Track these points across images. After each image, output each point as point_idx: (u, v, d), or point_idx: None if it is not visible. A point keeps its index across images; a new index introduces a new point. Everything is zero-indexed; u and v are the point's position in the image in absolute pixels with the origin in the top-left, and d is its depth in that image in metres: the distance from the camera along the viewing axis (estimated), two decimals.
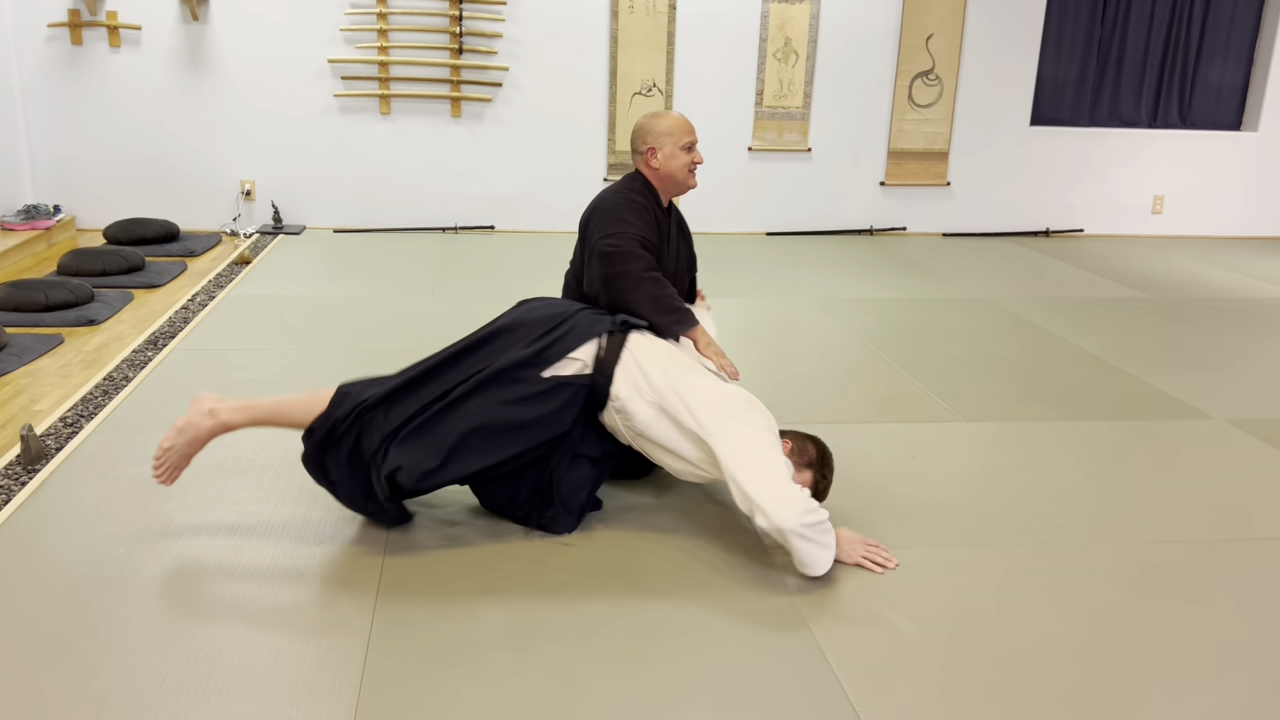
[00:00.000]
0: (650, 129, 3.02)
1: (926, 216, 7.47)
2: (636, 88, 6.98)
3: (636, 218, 2.93)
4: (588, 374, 2.67)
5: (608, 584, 2.50)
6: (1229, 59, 7.62)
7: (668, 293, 2.88)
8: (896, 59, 7.15)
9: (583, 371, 2.67)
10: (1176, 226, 7.76)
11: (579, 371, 2.67)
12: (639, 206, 2.97)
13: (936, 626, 2.35)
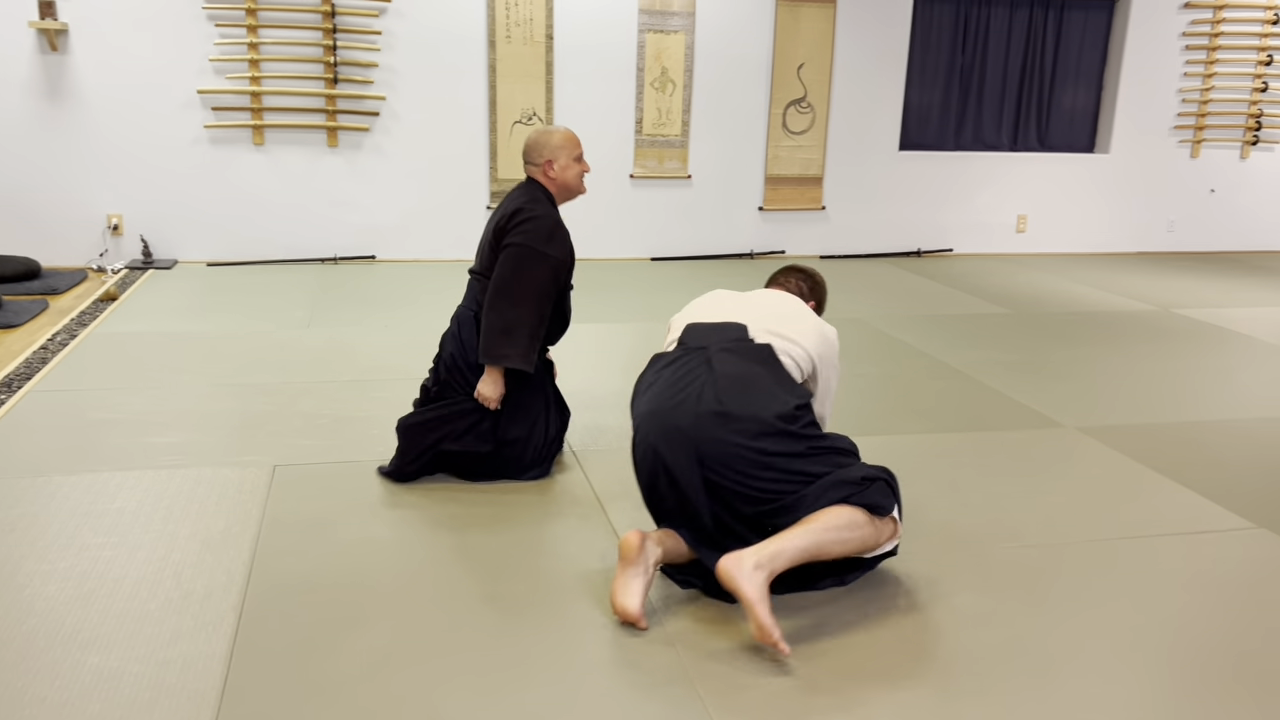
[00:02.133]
0: (545, 143, 3.25)
1: (804, 239, 7.68)
2: (517, 116, 7.02)
3: (561, 247, 3.20)
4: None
5: (474, 613, 2.49)
6: (1080, 85, 8.06)
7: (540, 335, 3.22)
8: (770, 87, 7.35)
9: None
10: (1038, 244, 8.14)
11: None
12: (562, 227, 3.23)
13: (800, 649, 2.42)
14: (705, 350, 2.64)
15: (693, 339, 2.71)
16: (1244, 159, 8.30)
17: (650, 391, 2.63)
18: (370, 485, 3.24)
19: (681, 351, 2.69)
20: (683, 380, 2.58)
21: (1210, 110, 8.10)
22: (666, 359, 2.71)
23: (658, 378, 2.66)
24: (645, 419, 2.58)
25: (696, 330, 2.74)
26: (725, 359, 2.60)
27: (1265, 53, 8.05)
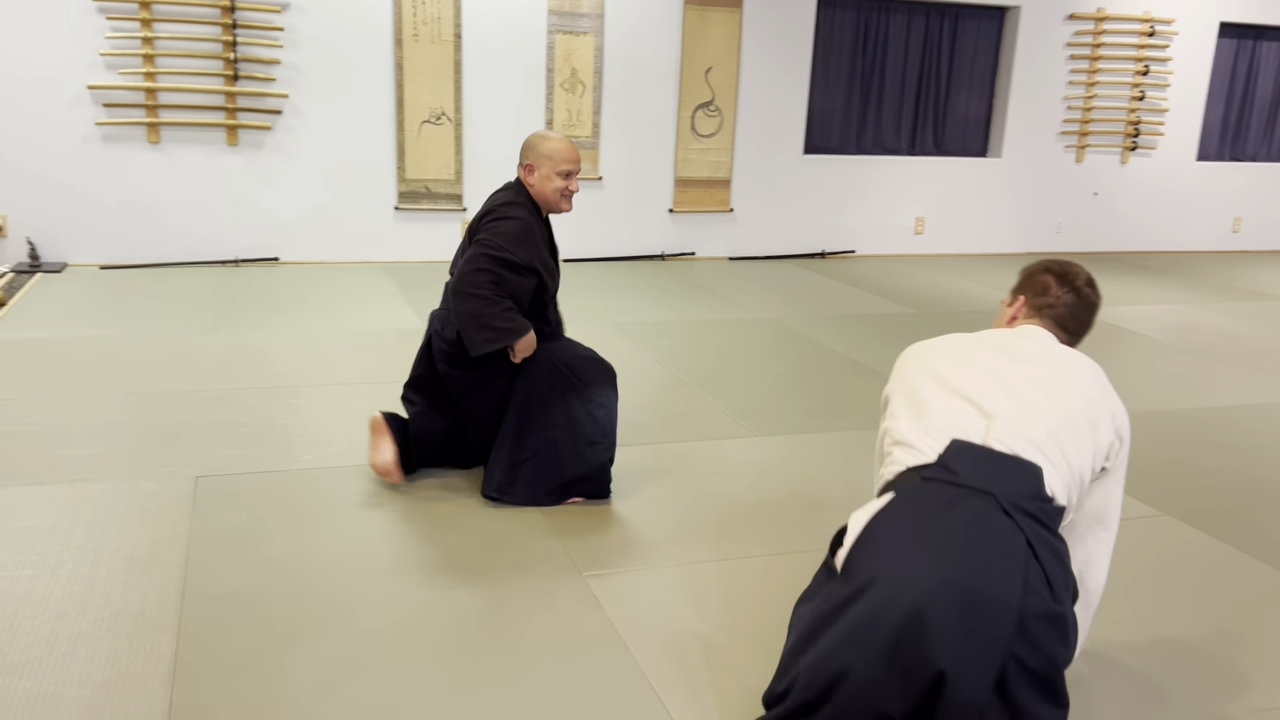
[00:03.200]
0: (534, 147, 3.16)
1: (713, 242, 7.77)
2: (425, 116, 6.93)
3: (526, 237, 3.06)
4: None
5: (422, 622, 2.47)
6: (973, 92, 8.36)
7: (503, 320, 3.02)
8: (679, 90, 7.42)
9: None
10: (935, 245, 8.41)
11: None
12: (531, 232, 3.10)
13: (744, 633, 2.46)
14: (992, 498, 1.82)
15: (968, 471, 1.86)
16: (1124, 164, 8.74)
17: (922, 542, 1.78)
18: (300, 495, 3.17)
19: (959, 492, 1.84)
20: (985, 543, 1.77)
21: (1093, 118, 8.50)
22: (936, 497, 1.84)
23: (931, 523, 1.81)
24: (916, 584, 1.72)
25: (971, 456, 1.88)
26: (1039, 535, 1.81)
27: (1142, 63, 8.48)
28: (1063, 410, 1.96)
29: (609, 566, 2.78)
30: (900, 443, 1.98)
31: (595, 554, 2.85)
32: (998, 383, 2.01)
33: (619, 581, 2.70)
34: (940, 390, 2.02)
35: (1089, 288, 2.25)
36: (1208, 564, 2.98)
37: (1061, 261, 2.30)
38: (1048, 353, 2.10)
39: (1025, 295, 2.29)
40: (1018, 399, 1.97)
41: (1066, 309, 2.23)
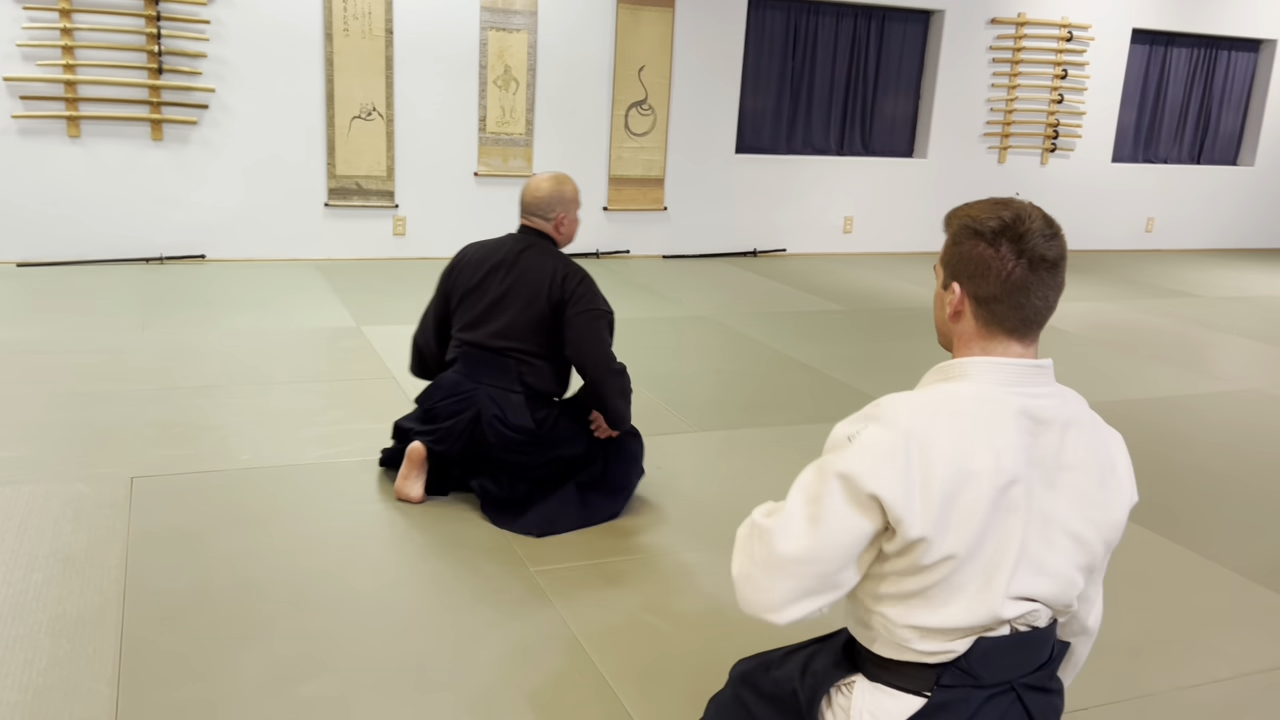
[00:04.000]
0: (560, 197, 3.12)
1: (647, 239, 7.82)
2: (356, 111, 6.84)
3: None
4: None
5: (371, 619, 2.46)
6: (900, 93, 8.54)
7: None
8: (612, 89, 7.45)
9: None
10: (864, 244, 8.57)
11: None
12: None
13: (691, 624, 2.50)
14: (1009, 686, 1.55)
15: (991, 672, 1.53)
16: (1044, 165, 9.01)
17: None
18: (240, 495, 3.12)
19: (981, 696, 1.54)
20: None
21: (1015, 120, 8.75)
22: (961, 709, 1.53)
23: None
24: None
25: (996, 654, 1.52)
26: (1042, 705, 1.59)
27: (1060, 67, 8.75)
28: (1090, 548, 1.55)
29: (556, 561, 2.80)
30: (903, 646, 1.54)
31: (541, 549, 2.86)
32: (1041, 566, 1.51)
33: (567, 575, 2.72)
34: (971, 602, 1.49)
35: (1046, 240, 1.51)
36: (1132, 549, 3.10)
37: (998, 212, 1.54)
38: (1061, 452, 1.52)
39: (961, 281, 1.55)
40: (1056, 578, 1.52)
41: (1020, 291, 1.51)
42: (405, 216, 7.13)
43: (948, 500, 1.43)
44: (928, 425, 1.45)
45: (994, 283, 1.51)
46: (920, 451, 1.44)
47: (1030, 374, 1.52)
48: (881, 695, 1.56)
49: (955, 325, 1.57)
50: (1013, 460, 1.45)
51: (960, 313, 1.56)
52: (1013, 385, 1.51)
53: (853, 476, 1.44)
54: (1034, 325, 1.54)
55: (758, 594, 1.52)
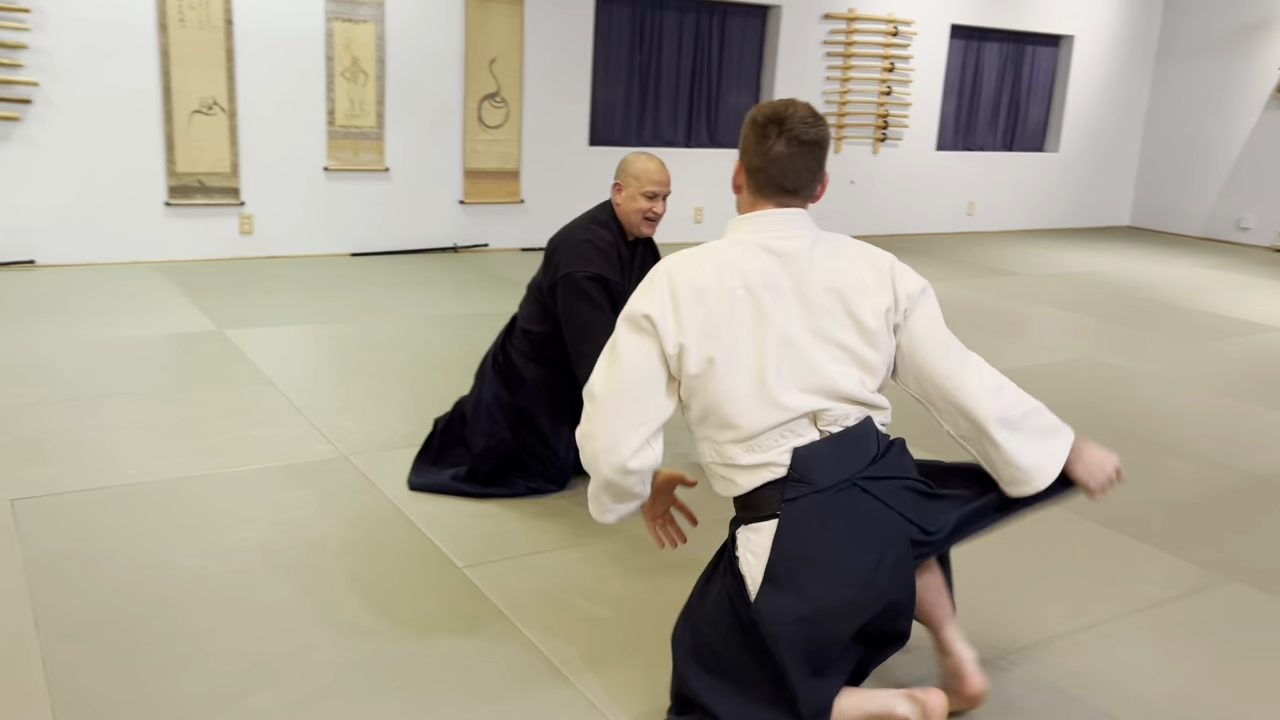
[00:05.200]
0: (627, 166, 3.13)
1: (505, 233, 7.80)
2: (196, 106, 6.53)
3: (600, 258, 3.04)
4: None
5: (304, 630, 2.42)
6: (742, 86, 8.81)
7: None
8: (464, 81, 7.38)
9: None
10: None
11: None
12: (605, 245, 3.07)
13: (629, 608, 2.58)
14: (849, 483, 1.92)
15: (821, 473, 1.91)
16: (875, 154, 9.49)
17: (843, 566, 1.88)
18: (135, 512, 2.99)
19: (824, 499, 1.90)
20: (865, 541, 1.91)
21: (848, 111, 9.18)
22: (811, 518, 1.89)
23: (831, 550, 1.89)
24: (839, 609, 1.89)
25: (816, 457, 1.92)
26: (889, 488, 1.96)
27: (888, 60, 9.24)
28: (862, 353, 1.95)
29: (484, 558, 2.81)
30: (735, 466, 1.94)
31: (466, 547, 2.87)
32: (801, 363, 1.92)
33: (497, 572, 2.74)
34: (755, 403, 1.90)
35: (806, 126, 1.95)
36: None
37: (773, 105, 1.98)
38: (829, 272, 1.96)
39: (741, 159, 2.02)
40: (835, 360, 1.94)
41: (778, 163, 1.95)
42: (253, 214, 6.87)
43: (689, 309, 1.91)
44: (678, 263, 1.97)
45: (759, 156, 1.98)
46: (668, 278, 1.95)
47: (774, 222, 1.99)
48: (750, 533, 1.94)
49: (738, 197, 2.07)
50: (740, 281, 1.92)
51: (740, 185, 2.05)
52: (760, 233, 1.98)
53: (631, 312, 1.96)
54: (791, 194, 2.00)
55: (600, 440, 1.94)
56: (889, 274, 2.02)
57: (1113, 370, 5.21)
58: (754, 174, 2.00)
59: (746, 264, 1.94)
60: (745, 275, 1.93)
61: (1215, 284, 7.93)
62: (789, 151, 1.95)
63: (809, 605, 1.85)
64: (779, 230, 1.99)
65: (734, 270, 1.93)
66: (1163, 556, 3.07)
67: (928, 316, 2.03)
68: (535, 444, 3.22)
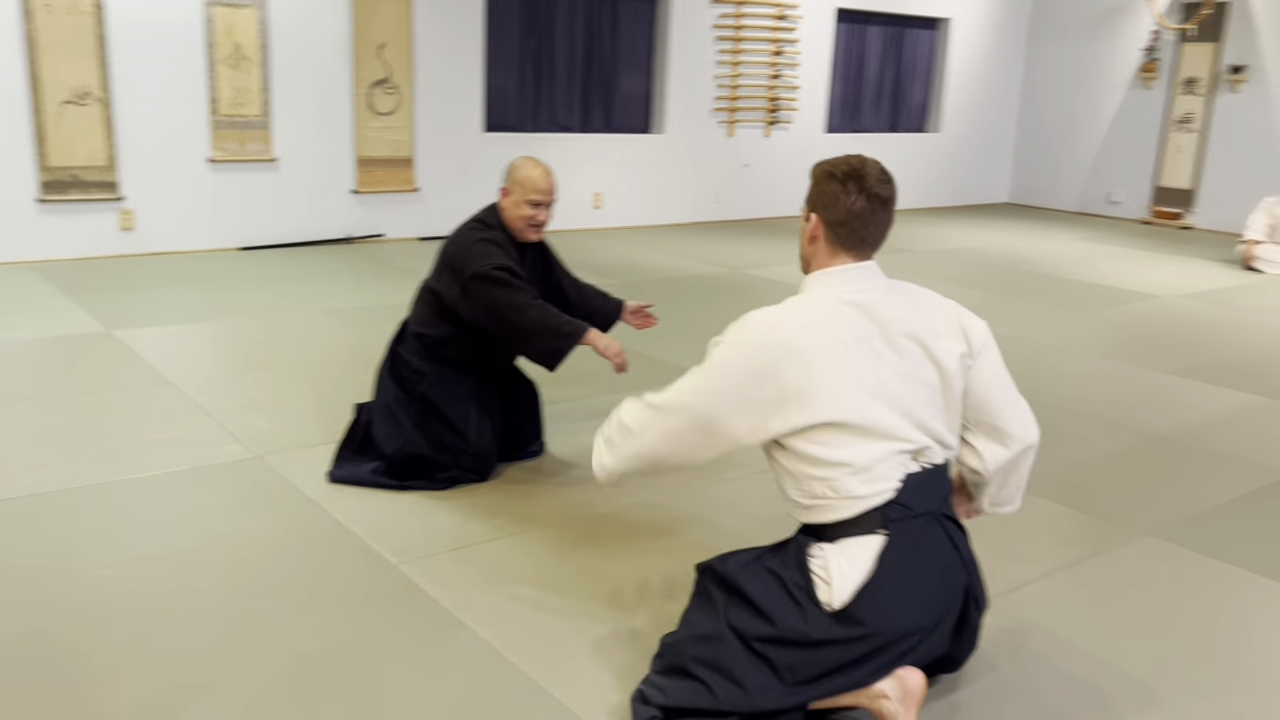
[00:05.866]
0: (513, 171, 3.16)
1: (401, 222, 7.62)
2: (67, 96, 6.18)
3: (500, 252, 3.06)
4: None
5: (242, 636, 2.32)
6: (635, 71, 8.80)
7: (552, 314, 3.03)
8: (353, 67, 7.17)
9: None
10: (614, 219, 8.79)
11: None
12: (500, 241, 3.10)
13: (571, 594, 2.55)
14: (931, 516, 2.07)
15: (918, 502, 2.04)
16: (767, 137, 9.60)
17: (917, 587, 2.01)
18: (36, 524, 2.81)
19: (919, 524, 2.04)
20: (945, 570, 2.07)
21: (740, 95, 9.26)
22: (909, 539, 2.01)
23: (917, 569, 2.01)
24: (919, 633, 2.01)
25: (917, 489, 2.04)
26: (954, 531, 2.13)
27: (776, 45, 9.35)
28: (946, 388, 2.08)
29: (417, 553, 2.74)
30: (857, 483, 2.01)
31: (398, 543, 2.80)
32: (911, 394, 2.05)
33: (434, 566, 2.68)
34: (863, 437, 2.00)
35: (880, 184, 2.08)
36: None
37: (848, 161, 2.10)
38: (907, 319, 2.09)
39: (817, 212, 2.11)
40: (928, 403, 2.06)
41: (859, 218, 2.07)
42: (134, 209, 6.55)
43: (789, 374, 1.99)
44: (771, 327, 2.04)
45: (840, 211, 2.08)
46: (768, 345, 2.02)
47: (855, 275, 2.10)
48: (846, 546, 2.01)
49: (811, 248, 2.14)
50: (833, 336, 2.01)
51: (816, 237, 2.13)
52: (843, 288, 2.08)
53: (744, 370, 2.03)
54: (869, 246, 2.12)
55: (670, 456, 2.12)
56: (957, 320, 2.16)
57: (1006, 340, 5.36)
58: (836, 228, 2.10)
59: (837, 319, 2.05)
60: (836, 331, 2.03)
61: (1093, 255, 8.29)
62: (870, 207, 2.07)
63: (889, 624, 1.97)
64: (860, 284, 2.10)
65: (828, 327, 2.03)
66: (1078, 516, 3.19)
67: (993, 356, 2.18)
68: (444, 434, 3.16)
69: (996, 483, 2.22)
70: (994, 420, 2.15)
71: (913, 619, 1.97)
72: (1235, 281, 7.37)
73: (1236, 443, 3.92)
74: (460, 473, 3.17)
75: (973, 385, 2.13)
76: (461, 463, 3.17)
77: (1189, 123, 10.09)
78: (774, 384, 1.99)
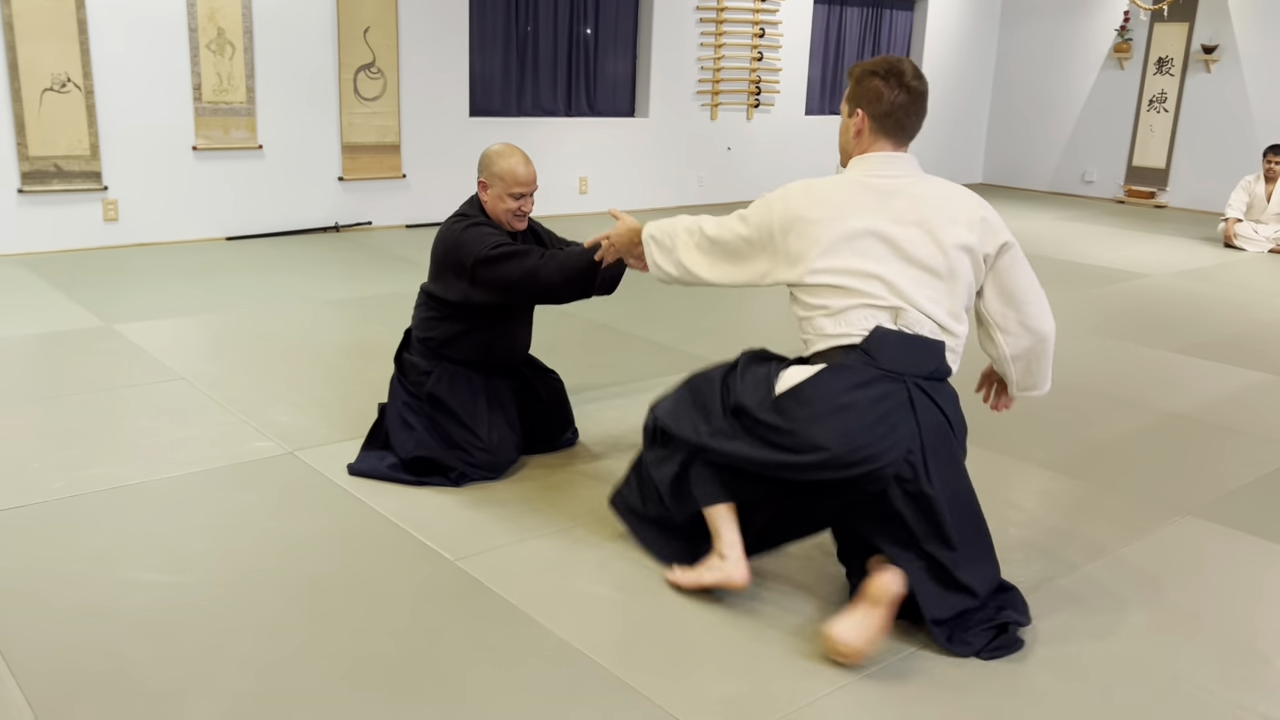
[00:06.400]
0: (490, 164, 3.06)
1: (389, 209, 7.51)
2: (47, 83, 6.00)
3: (495, 232, 3.04)
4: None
5: (309, 643, 2.27)
6: (619, 54, 8.73)
7: (563, 259, 2.95)
8: (338, 52, 7.04)
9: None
10: (600, 203, 8.72)
11: None
12: (488, 224, 3.07)
13: (639, 588, 2.53)
14: (901, 380, 2.28)
15: (885, 358, 2.29)
16: (749, 120, 9.58)
17: (844, 416, 2.23)
18: (75, 529, 2.74)
19: (874, 374, 2.27)
20: (882, 421, 2.25)
21: (722, 77, 9.22)
22: (857, 375, 2.27)
23: (852, 399, 2.25)
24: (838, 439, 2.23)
25: (888, 344, 2.29)
26: (926, 404, 2.31)
27: (758, 26, 9.32)
28: (948, 273, 2.34)
29: (472, 549, 2.71)
30: (829, 324, 2.35)
31: (449, 539, 2.75)
32: (899, 267, 2.33)
33: (491, 563, 2.64)
34: (858, 276, 2.32)
35: (916, 80, 2.39)
36: None
37: (887, 61, 2.41)
38: (920, 206, 2.36)
39: (862, 107, 2.39)
40: (916, 281, 2.33)
41: (903, 110, 2.38)
42: (117, 199, 6.39)
43: (804, 228, 2.36)
44: (798, 190, 2.41)
45: (885, 104, 2.38)
46: (786, 205, 2.40)
47: (882, 162, 2.40)
48: (802, 366, 2.38)
49: (856, 141, 2.43)
50: (839, 212, 2.33)
51: (861, 130, 2.41)
52: (867, 172, 2.39)
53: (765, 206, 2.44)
54: (908, 134, 2.43)
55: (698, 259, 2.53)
56: (980, 215, 2.39)
57: None
58: (882, 119, 2.39)
59: (861, 200, 2.35)
60: (844, 208, 2.34)
61: (1073, 235, 8.39)
62: (910, 99, 2.38)
63: (806, 427, 2.25)
64: (887, 170, 2.39)
65: (849, 206, 2.34)
66: (1118, 497, 3.23)
67: (1017, 255, 2.42)
68: (455, 431, 3.12)
69: (1019, 369, 2.51)
70: (1015, 311, 2.44)
71: (828, 436, 2.23)
72: (1218, 259, 7.50)
73: (1252, 420, 3.99)
74: (471, 469, 3.10)
75: (997, 279, 2.42)
76: (474, 459, 3.10)
77: (1162, 102, 10.22)
78: (784, 242, 2.37)
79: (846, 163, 2.46)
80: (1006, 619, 2.30)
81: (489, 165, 3.08)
